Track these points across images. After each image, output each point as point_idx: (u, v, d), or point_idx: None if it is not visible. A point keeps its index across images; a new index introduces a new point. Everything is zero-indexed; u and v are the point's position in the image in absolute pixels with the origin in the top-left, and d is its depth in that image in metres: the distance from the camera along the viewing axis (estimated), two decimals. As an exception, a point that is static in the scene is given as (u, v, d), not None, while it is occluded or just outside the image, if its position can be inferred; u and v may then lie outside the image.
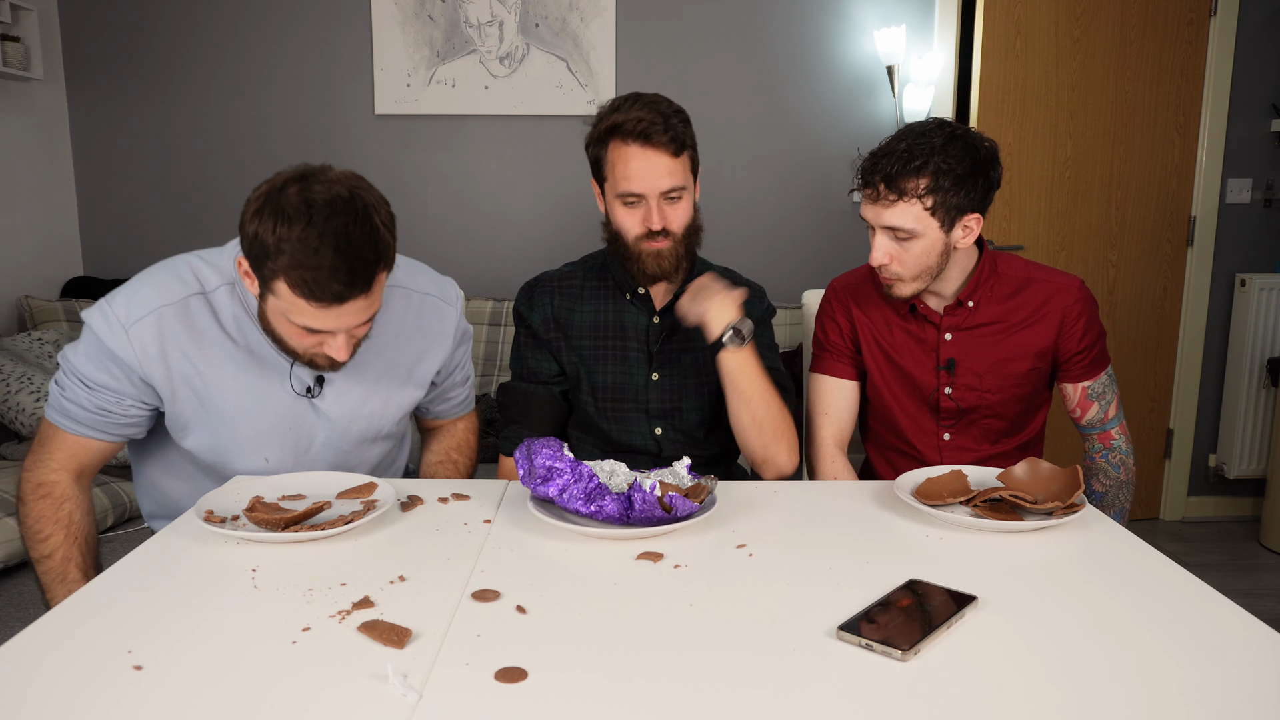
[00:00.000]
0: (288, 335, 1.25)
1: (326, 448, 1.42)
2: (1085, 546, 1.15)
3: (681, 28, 3.15)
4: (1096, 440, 1.66)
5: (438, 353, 1.49)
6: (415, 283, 1.47)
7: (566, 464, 1.17)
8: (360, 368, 1.40)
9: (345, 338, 1.24)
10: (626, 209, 1.53)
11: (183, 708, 0.78)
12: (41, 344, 2.62)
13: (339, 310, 1.18)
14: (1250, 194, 3.28)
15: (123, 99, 3.16)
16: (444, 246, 3.24)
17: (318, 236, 1.13)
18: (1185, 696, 0.81)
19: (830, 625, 0.92)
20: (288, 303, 1.18)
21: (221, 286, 1.32)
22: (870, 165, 1.47)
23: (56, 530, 1.31)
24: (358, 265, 1.15)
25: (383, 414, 1.45)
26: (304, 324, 1.20)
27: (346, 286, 1.16)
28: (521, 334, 1.67)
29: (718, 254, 3.35)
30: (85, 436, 1.33)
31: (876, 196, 1.46)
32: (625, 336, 1.63)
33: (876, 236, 1.49)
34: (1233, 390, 3.36)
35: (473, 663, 0.85)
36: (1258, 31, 3.19)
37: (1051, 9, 3.13)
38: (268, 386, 1.35)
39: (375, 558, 1.10)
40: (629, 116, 1.50)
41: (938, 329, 1.59)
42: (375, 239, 1.18)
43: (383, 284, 1.23)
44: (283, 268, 1.14)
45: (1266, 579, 2.98)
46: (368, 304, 1.21)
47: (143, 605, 0.97)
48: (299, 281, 1.15)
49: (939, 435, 1.64)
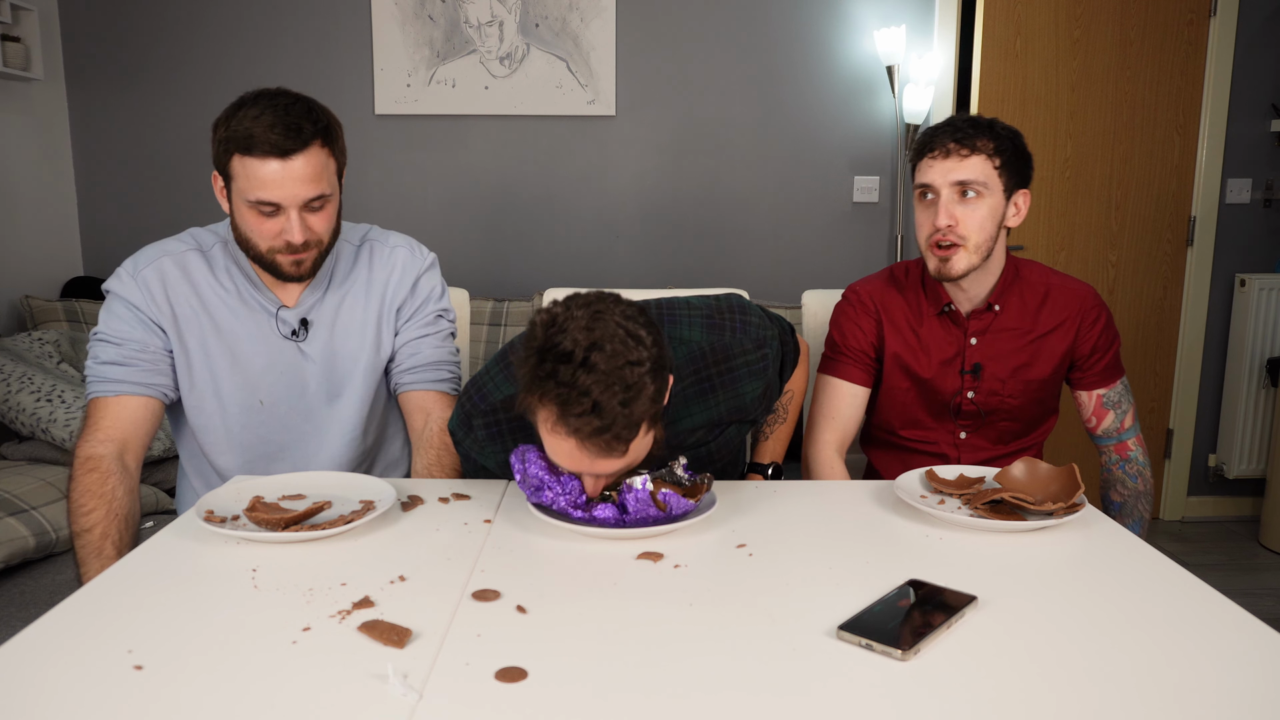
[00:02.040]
0: (250, 227, 1.37)
1: (319, 393, 1.52)
2: (1085, 546, 1.15)
3: (681, 28, 3.15)
4: (1113, 451, 1.67)
5: (398, 295, 1.57)
6: (389, 239, 1.59)
7: (554, 478, 1.18)
8: (334, 310, 1.52)
9: (298, 218, 1.35)
10: None
11: (183, 708, 0.78)
12: (41, 344, 2.62)
13: (283, 168, 1.32)
14: (1250, 194, 3.28)
15: (123, 99, 3.16)
16: (444, 246, 3.24)
17: (259, 108, 1.33)
18: (1185, 696, 0.81)
19: (830, 625, 0.92)
20: (242, 178, 1.33)
21: (217, 244, 1.49)
22: (932, 133, 1.51)
23: (99, 505, 1.34)
24: (293, 125, 1.32)
25: (358, 357, 1.53)
26: (258, 196, 1.33)
27: (284, 137, 1.31)
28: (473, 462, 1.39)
29: (718, 254, 3.36)
30: (123, 394, 1.42)
31: (947, 153, 1.49)
32: None
33: (941, 200, 1.50)
34: (1232, 390, 3.36)
35: (473, 663, 0.85)
36: (1258, 31, 3.19)
37: (1051, 9, 3.13)
38: (259, 330, 1.49)
39: (375, 558, 1.10)
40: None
41: (964, 333, 1.60)
42: (313, 112, 1.36)
43: (326, 163, 1.37)
44: (235, 139, 1.32)
45: (1266, 579, 2.98)
46: (311, 172, 1.34)
47: (143, 605, 0.97)
48: (244, 143, 1.31)
49: (956, 434, 1.65)
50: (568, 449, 1.10)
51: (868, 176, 3.23)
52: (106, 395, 1.42)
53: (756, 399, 1.38)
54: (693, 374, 1.33)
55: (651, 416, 1.11)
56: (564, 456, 1.12)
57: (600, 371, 1.05)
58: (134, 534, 1.39)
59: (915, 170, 1.55)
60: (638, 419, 1.08)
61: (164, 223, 3.22)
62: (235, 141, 1.32)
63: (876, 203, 3.24)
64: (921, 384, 1.62)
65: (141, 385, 1.43)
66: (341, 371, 1.53)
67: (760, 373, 1.36)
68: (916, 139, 1.56)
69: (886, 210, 3.25)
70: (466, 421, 1.33)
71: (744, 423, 1.42)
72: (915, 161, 1.55)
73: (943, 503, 1.27)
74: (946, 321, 1.60)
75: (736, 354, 1.35)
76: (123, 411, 1.42)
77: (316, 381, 1.52)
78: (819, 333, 1.89)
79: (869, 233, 3.27)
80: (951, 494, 1.31)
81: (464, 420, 1.33)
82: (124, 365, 1.42)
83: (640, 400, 1.07)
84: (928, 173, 1.51)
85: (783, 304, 3.04)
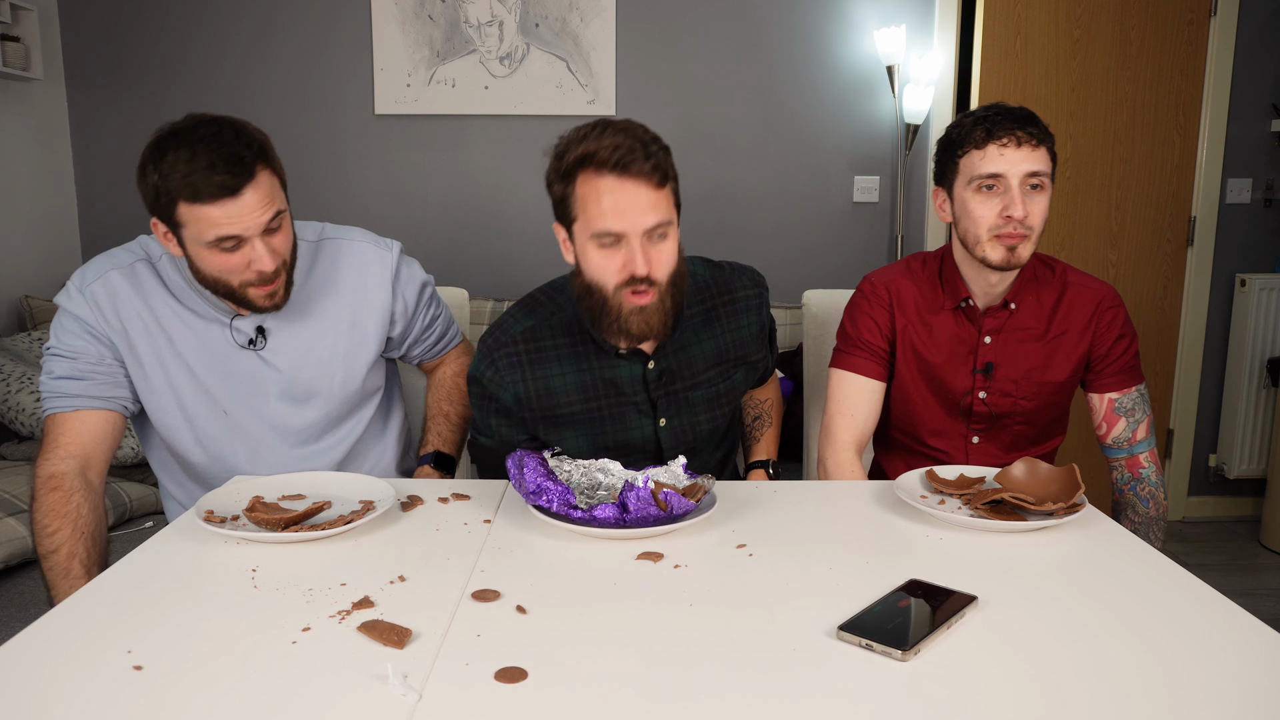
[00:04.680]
0: (215, 266, 1.32)
1: (284, 399, 1.48)
2: (1085, 546, 1.15)
3: (681, 28, 3.15)
4: (1125, 468, 1.59)
5: (378, 298, 1.53)
6: (349, 235, 1.55)
7: (553, 484, 1.19)
8: (299, 315, 1.47)
9: (263, 246, 1.31)
10: (602, 252, 1.31)
11: (183, 708, 0.78)
12: (41, 344, 2.62)
13: (236, 205, 1.27)
14: (1250, 194, 3.28)
15: (123, 99, 3.16)
16: (444, 246, 3.24)
17: (189, 149, 1.25)
18: (1185, 696, 0.80)
19: (830, 625, 0.92)
20: (193, 223, 1.27)
21: (164, 256, 1.44)
22: (992, 124, 1.44)
23: (64, 525, 1.32)
24: (233, 157, 1.26)
25: (331, 362, 1.50)
26: (216, 235, 1.27)
27: (231, 175, 1.25)
28: (489, 405, 1.46)
29: (718, 253, 3.35)
30: (81, 409, 1.38)
31: (1019, 143, 1.43)
32: (619, 390, 1.44)
33: (1014, 191, 1.43)
34: (1233, 390, 3.36)
35: (473, 663, 0.85)
36: (1258, 31, 3.19)
37: (1051, 9, 3.13)
38: (214, 343, 1.44)
39: (375, 558, 1.10)
40: (601, 144, 1.28)
41: (978, 331, 1.56)
42: (245, 135, 1.29)
43: (273, 184, 1.32)
44: (174, 189, 1.25)
45: (1266, 579, 2.98)
46: (263, 198, 1.29)
47: (143, 605, 0.97)
48: (189, 191, 1.25)
49: (968, 438, 1.60)
50: (610, 188, 1.27)
51: (868, 176, 3.23)
52: (64, 410, 1.38)
53: (755, 338, 1.52)
54: (700, 303, 1.48)
55: (675, 177, 1.33)
56: (609, 209, 1.27)
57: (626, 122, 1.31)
58: (103, 549, 1.37)
59: (964, 158, 1.46)
60: (666, 149, 1.31)
61: (164, 223, 3.22)
62: (176, 192, 1.26)
63: (876, 203, 3.24)
64: (933, 378, 1.58)
65: (99, 399, 1.39)
66: (308, 376, 1.48)
67: (757, 309, 1.52)
68: (955, 129, 1.49)
69: (886, 210, 3.25)
70: (488, 356, 1.44)
71: (747, 366, 1.53)
72: (968, 148, 1.46)
73: (943, 503, 1.27)
74: (961, 317, 1.56)
75: (737, 288, 1.51)
76: (82, 427, 1.38)
77: (281, 388, 1.47)
78: (819, 332, 1.88)
79: (869, 233, 3.27)
80: (951, 494, 1.31)
81: (485, 355, 1.44)
82: (79, 380, 1.38)
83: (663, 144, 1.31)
84: (997, 162, 1.43)
85: (783, 304, 3.05)
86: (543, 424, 1.45)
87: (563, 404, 1.44)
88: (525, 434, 1.48)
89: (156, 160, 1.27)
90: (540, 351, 1.42)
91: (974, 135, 1.45)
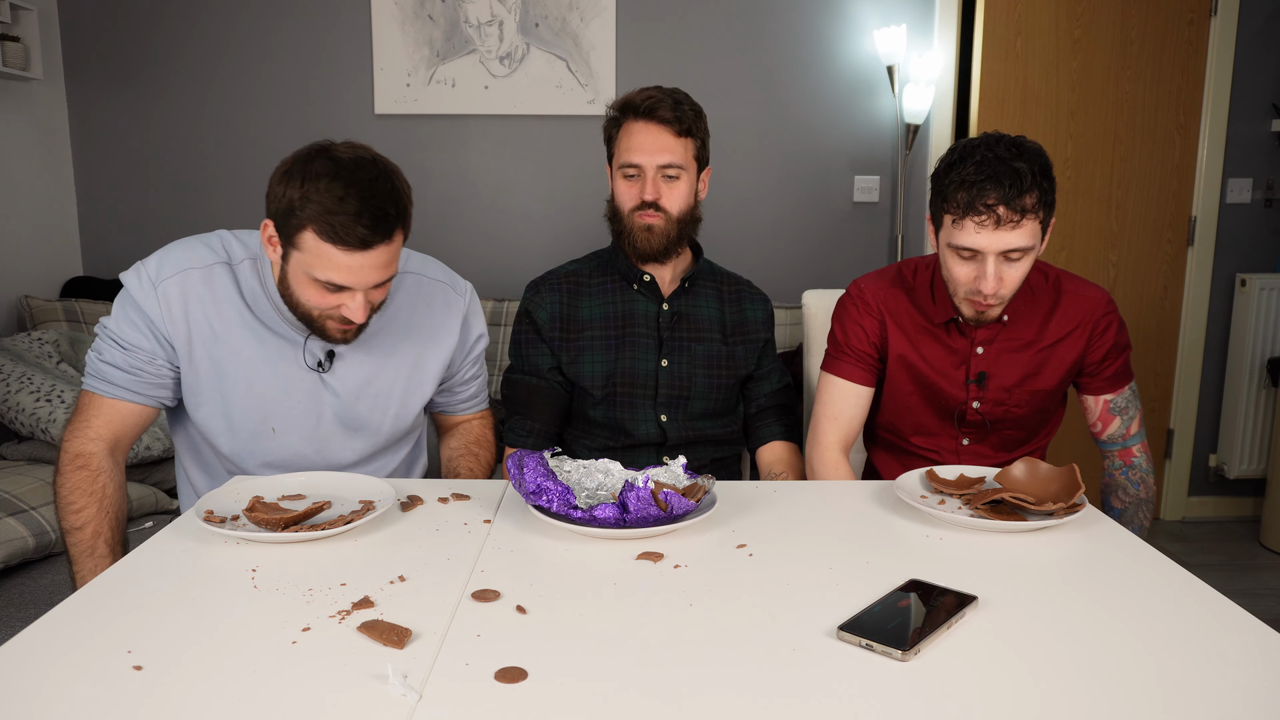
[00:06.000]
0: (308, 296, 1.30)
1: (335, 424, 1.46)
2: (1085, 546, 1.15)
3: (681, 28, 3.15)
4: (1117, 457, 1.63)
5: (445, 341, 1.53)
6: (428, 270, 1.54)
7: (553, 485, 1.18)
8: (369, 346, 1.45)
9: (363, 298, 1.29)
10: (626, 182, 1.61)
11: (183, 708, 0.78)
12: (41, 344, 2.61)
13: (362, 258, 1.24)
14: (1250, 194, 3.28)
15: (123, 99, 3.16)
16: (444, 246, 3.24)
17: (343, 187, 1.22)
18: (1185, 696, 0.80)
19: (830, 625, 0.92)
20: (313, 255, 1.25)
21: (245, 260, 1.40)
22: (973, 195, 1.36)
23: (90, 503, 1.33)
24: (380, 214, 1.23)
25: (389, 396, 1.48)
26: (328, 277, 1.26)
27: (371, 231, 1.23)
28: (525, 328, 1.71)
29: (718, 254, 3.35)
30: (121, 399, 1.38)
31: (997, 222, 1.35)
32: (634, 323, 1.67)
33: (987, 264, 1.39)
34: (1233, 390, 3.36)
35: (473, 663, 0.85)
36: (1258, 31, 3.19)
37: (1051, 9, 3.13)
38: (280, 357, 1.41)
39: (375, 558, 1.10)
40: (642, 95, 1.58)
41: (970, 342, 1.56)
42: (397, 195, 1.27)
43: (400, 246, 1.30)
44: (310, 217, 1.22)
45: (1266, 579, 2.98)
46: (388, 259, 1.28)
47: (143, 605, 0.97)
48: (326, 228, 1.22)
49: (958, 441, 1.62)
50: (637, 130, 1.57)
51: (868, 176, 3.23)
52: (104, 395, 1.38)
53: (760, 322, 1.74)
54: (712, 283, 1.74)
55: (700, 135, 1.62)
56: (633, 146, 1.57)
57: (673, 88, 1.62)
58: (123, 531, 1.38)
59: (946, 215, 1.41)
60: (697, 110, 1.61)
61: (164, 222, 3.22)
62: (312, 221, 1.22)
63: (876, 203, 3.24)
64: (926, 388, 1.59)
65: (142, 395, 1.39)
66: (364, 408, 1.47)
67: (761, 304, 1.77)
68: (944, 175, 1.40)
69: (886, 210, 3.25)
70: (535, 286, 1.72)
71: (750, 343, 1.73)
72: (946, 210, 1.40)
73: (943, 503, 1.27)
74: (953, 328, 1.56)
75: (743, 283, 1.78)
76: (115, 415, 1.38)
77: (334, 414, 1.45)
78: (819, 333, 1.89)
79: (869, 233, 3.27)
80: (951, 494, 1.31)
81: (533, 286, 1.72)
82: (128, 373, 1.37)
83: (695, 106, 1.61)
84: (974, 238, 1.37)
85: (783, 304, 3.04)
86: (566, 350, 1.67)
87: (585, 330, 1.67)
88: (552, 362, 1.68)
89: (305, 178, 1.22)
90: (577, 287, 1.70)
91: (956, 199, 1.38)
